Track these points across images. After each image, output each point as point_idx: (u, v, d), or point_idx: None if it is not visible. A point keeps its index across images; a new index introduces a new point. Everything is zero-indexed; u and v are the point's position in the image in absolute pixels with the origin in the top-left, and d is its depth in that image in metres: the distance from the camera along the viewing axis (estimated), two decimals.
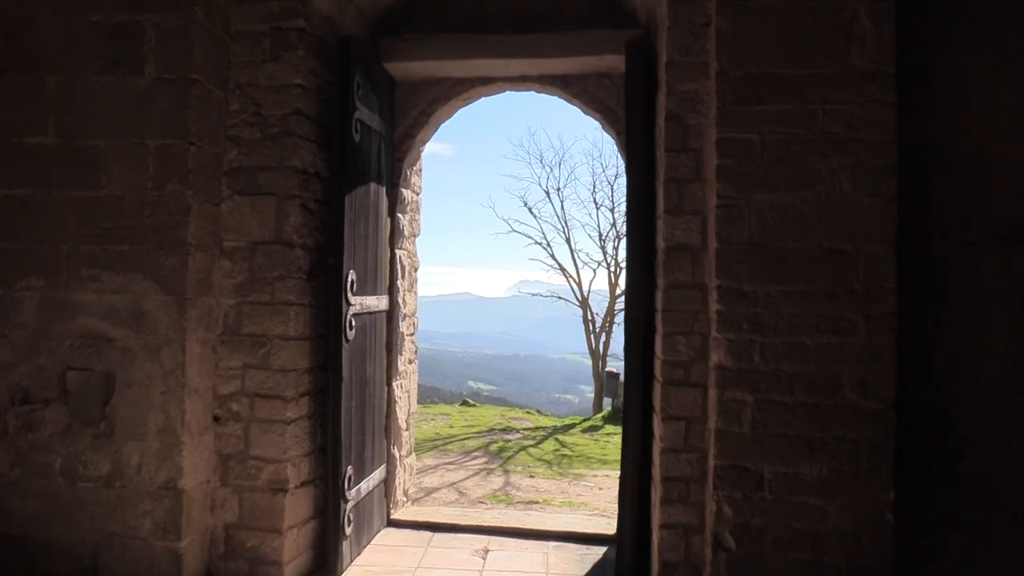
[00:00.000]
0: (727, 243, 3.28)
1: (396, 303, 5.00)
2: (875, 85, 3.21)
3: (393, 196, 4.95)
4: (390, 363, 4.96)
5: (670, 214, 3.57)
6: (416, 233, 5.68)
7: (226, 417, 3.82)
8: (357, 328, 4.22)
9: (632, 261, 3.91)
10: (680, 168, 3.56)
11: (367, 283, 4.40)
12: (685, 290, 3.52)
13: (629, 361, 3.90)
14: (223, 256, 3.85)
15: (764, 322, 3.23)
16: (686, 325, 3.51)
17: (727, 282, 3.28)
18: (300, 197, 3.87)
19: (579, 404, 59.24)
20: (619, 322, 22.49)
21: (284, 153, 3.83)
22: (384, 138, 4.69)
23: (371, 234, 4.48)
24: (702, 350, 3.48)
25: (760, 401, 3.23)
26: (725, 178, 3.29)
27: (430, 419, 11.57)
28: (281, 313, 3.81)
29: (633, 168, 3.94)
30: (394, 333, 4.99)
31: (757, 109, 3.27)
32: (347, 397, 4.09)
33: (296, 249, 3.85)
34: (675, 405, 3.50)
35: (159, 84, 3.59)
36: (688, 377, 3.50)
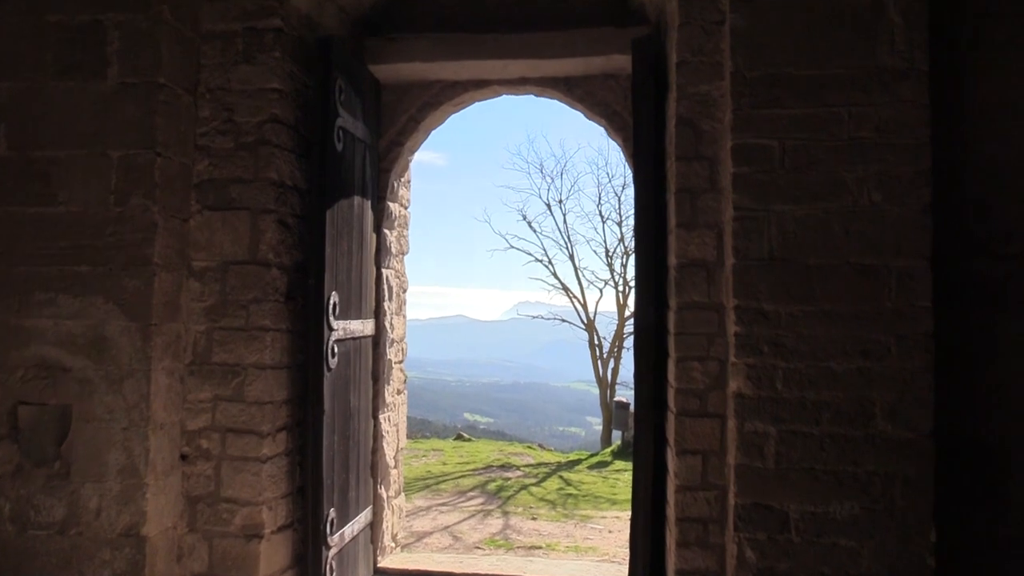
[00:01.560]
0: (745, 259, 3.29)
1: (383, 327, 5.00)
2: (906, 85, 3.24)
3: (379, 210, 4.97)
4: (376, 394, 4.95)
5: (682, 227, 3.58)
6: (404, 250, 5.70)
7: (195, 455, 3.81)
8: (340, 355, 4.21)
9: (641, 279, 3.92)
10: (693, 177, 3.57)
11: (351, 306, 4.41)
12: (700, 311, 3.52)
13: (639, 389, 3.89)
14: (192, 277, 3.85)
15: (787, 345, 3.23)
16: (701, 349, 3.51)
17: (746, 301, 3.28)
18: (277, 212, 3.89)
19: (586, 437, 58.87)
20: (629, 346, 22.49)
21: (259, 164, 3.85)
22: (369, 147, 4.71)
23: (355, 252, 4.49)
24: (719, 377, 3.48)
25: (784, 433, 3.22)
26: (742, 188, 3.30)
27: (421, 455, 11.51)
28: (256, 339, 3.81)
29: (641, 178, 3.96)
30: (381, 360, 4.98)
31: (776, 113, 3.29)
32: (329, 432, 4.07)
33: (272, 269, 3.86)
34: (690, 438, 3.49)
35: (123, 89, 3.61)
36: (704, 407, 3.49)
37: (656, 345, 3.83)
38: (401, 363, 5.59)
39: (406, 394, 5.73)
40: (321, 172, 4.10)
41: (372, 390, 4.89)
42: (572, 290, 25.12)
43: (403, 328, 5.64)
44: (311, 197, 4.15)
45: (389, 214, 5.13)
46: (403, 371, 5.65)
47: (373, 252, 4.91)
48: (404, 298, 5.69)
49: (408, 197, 5.74)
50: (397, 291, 5.45)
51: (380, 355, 4.98)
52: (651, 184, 3.92)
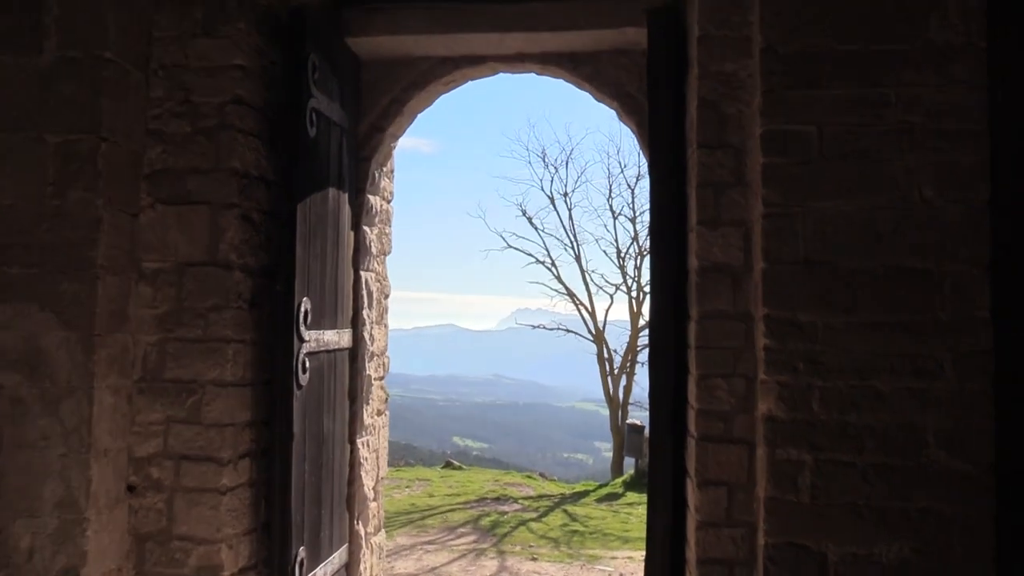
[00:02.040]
0: (777, 262, 3.27)
1: (361, 339, 4.99)
2: (961, 64, 3.22)
3: (358, 204, 4.96)
4: (354, 415, 4.93)
5: (705, 226, 3.56)
6: (386, 251, 5.68)
7: (144, 486, 3.78)
8: (312, 370, 4.19)
9: (658, 285, 3.91)
10: (717, 168, 3.56)
11: (325, 314, 4.38)
12: (725, 321, 3.51)
13: (656, 411, 3.89)
14: (142, 281, 3.83)
15: (825, 361, 3.22)
16: (727, 365, 3.49)
17: (777, 311, 3.27)
18: (240, 206, 3.87)
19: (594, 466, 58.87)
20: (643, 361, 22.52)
21: (220, 151, 3.83)
22: (347, 132, 4.70)
23: (330, 252, 4.47)
24: (747, 397, 3.46)
25: (822, 462, 3.20)
26: (773, 181, 3.29)
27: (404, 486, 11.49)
28: (216, 352, 3.79)
29: (658, 169, 3.95)
30: (359, 376, 4.97)
31: (813, 94, 3.28)
32: (299, 459, 4.05)
33: (235, 271, 3.84)
34: (714, 467, 3.48)
35: (62, 64, 3.58)
36: (730, 431, 3.48)
37: (674, 360, 3.83)
38: (382, 379, 5.57)
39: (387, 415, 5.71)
40: (291, 161, 4.09)
41: (349, 411, 4.87)
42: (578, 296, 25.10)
43: (384, 339, 5.62)
44: (280, 190, 4.13)
45: (369, 209, 5.12)
46: (384, 389, 5.63)
47: (351, 253, 4.89)
48: (386, 305, 5.67)
49: (391, 190, 5.73)
50: (378, 297, 5.43)
51: (358, 370, 4.96)
52: (669, 176, 3.91)
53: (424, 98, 5.04)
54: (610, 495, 12.09)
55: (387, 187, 5.61)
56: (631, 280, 24.34)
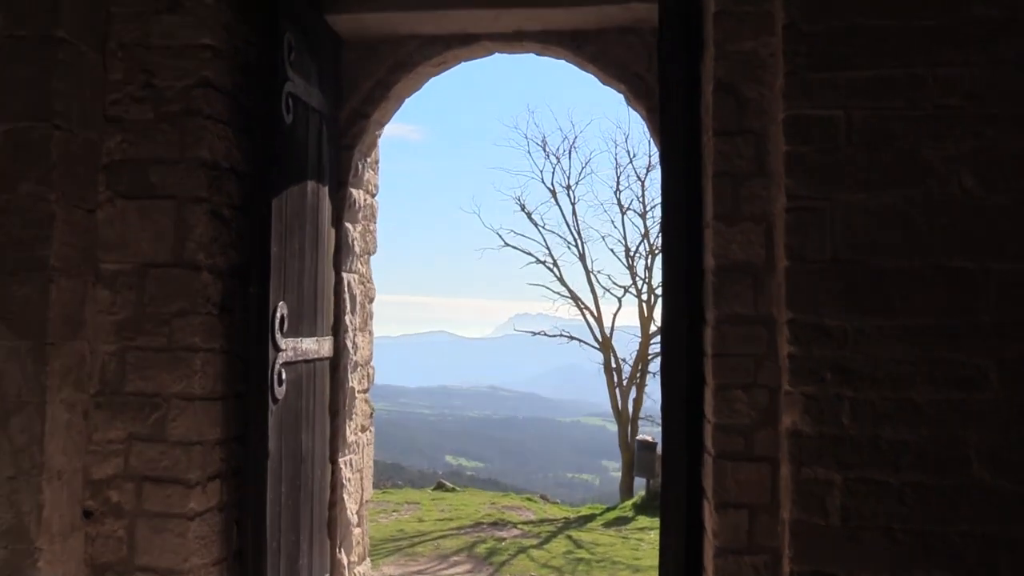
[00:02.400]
0: (802, 260, 3.27)
1: (343, 347, 4.98)
2: (1007, 40, 3.22)
3: (339, 198, 4.96)
4: (335, 432, 4.92)
5: (722, 221, 3.56)
6: (371, 250, 5.67)
7: (102, 511, 3.76)
8: (289, 383, 4.19)
9: (671, 286, 3.91)
10: (735, 158, 3.56)
11: (303, 320, 4.38)
12: (745, 326, 3.51)
13: (669, 426, 3.88)
14: (100, 284, 3.82)
15: (855, 370, 3.22)
16: (747, 375, 3.49)
17: (802, 314, 3.27)
18: (209, 201, 3.86)
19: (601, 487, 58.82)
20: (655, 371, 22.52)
21: (187, 140, 3.83)
22: (326, 119, 4.70)
23: (308, 252, 4.46)
24: (769, 410, 3.46)
25: (852, 481, 3.19)
26: (798, 171, 3.29)
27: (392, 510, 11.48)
28: (182, 363, 3.78)
29: (671, 158, 3.94)
30: (341, 389, 4.96)
31: (841, 76, 3.28)
32: (275, 480, 4.04)
33: (203, 273, 3.83)
34: (733, 487, 3.47)
35: (10, 44, 3.57)
36: (751, 448, 3.48)
37: (689, 369, 3.82)
38: (366, 392, 5.56)
39: (372, 432, 5.69)
40: (266, 151, 4.08)
41: (330, 427, 4.86)
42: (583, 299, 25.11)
43: (369, 348, 5.61)
44: (253, 183, 4.13)
45: (352, 203, 5.11)
46: (369, 402, 5.62)
47: (331, 252, 4.88)
48: (371, 310, 5.66)
49: (376, 182, 5.72)
50: (362, 301, 5.42)
51: (340, 382, 4.95)
52: (683, 166, 3.91)
53: (412, 81, 5.04)
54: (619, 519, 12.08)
55: (371, 179, 5.61)
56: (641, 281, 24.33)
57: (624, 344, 24.43)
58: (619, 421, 23.37)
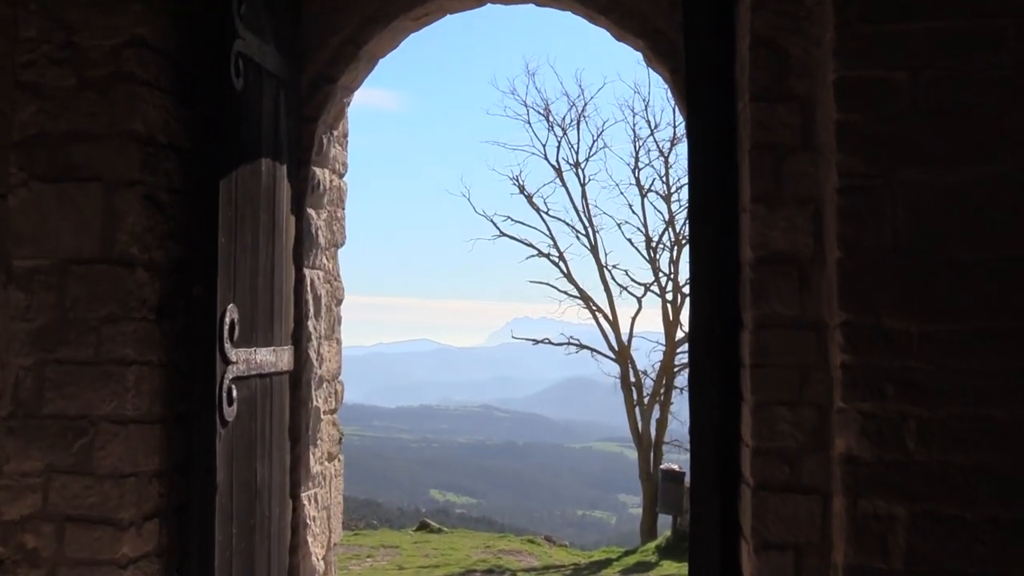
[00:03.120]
0: (858, 252, 3.28)
1: (306, 359, 4.99)
2: None
3: (301, 180, 4.97)
4: (297, 460, 4.93)
5: (762, 204, 3.57)
6: (339, 241, 5.67)
7: (16, 559, 3.75)
8: (241, 401, 4.19)
9: (700, 284, 3.92)
10: (777, 127, 3.57)
11: (257, 326, 4.39)
12: (789, 330, 3.52)
13: (699, 452, 3.89)
14: (12, 284, 3.83)
15: (922, 383, 3.23)
16: (791, 389, 3.50)
17: (859, 316, 3.27)
18: (144, 183, 3.87)
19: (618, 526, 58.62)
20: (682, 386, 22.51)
21: (117, 110, 3.83)
22: (285, 85, 4.71)
23: (264, 244, 4.47)
24: (819, 431, 3.47)
25: (919, 516, 3.20)
26: (852, 143, 3.30)
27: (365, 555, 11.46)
28: (112, 378, 3.78)
29: (699, 129, 3.95)
30: (303, 409, 4.97)
31: (902, 28, 3.29)
32: (224, 519, 4.05)
33: (138, 270, 3.84)
34: (776, 525, 3.48)
35: None
36: (797, 477, 3.48)
37: (723, 384, 3.83)
38: (334, 413, 5.55)
39: (342, 460, 5.69)
40: (212, 123, 4.09)
41: (290, 455, 4.87)
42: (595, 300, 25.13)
43: (337, 360, 5.61)
44: (197, 161, 4.13)
45: (316, 185, 5.11)
46: (337, 425, 5.62)
47: (291, 244, 4.89)
48: (339, 314, 5.66)
49: (344, 160, 5.71)
50: (328, 303, 5.42)
51: (302, 401, 4.96)
52: (714, 138, 3.92)
53: (387, 38, 5.03)
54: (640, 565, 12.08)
55: (339, 157, 5.60)
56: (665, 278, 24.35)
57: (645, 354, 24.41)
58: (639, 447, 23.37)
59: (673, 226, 24.50)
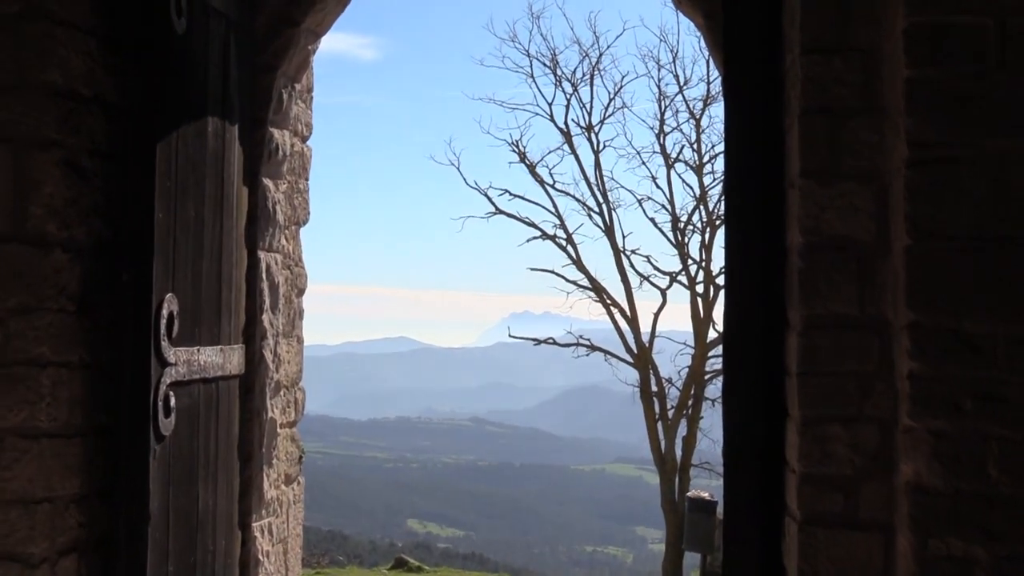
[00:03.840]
0: (931, 238, 3.28)
1: (260, 360, 5.00)
2: None
3: (255, 143, 4.97)
4: (248, 484, 4.93)
5: (814, 179, 3.57)
6: (301, 218, 5.66)
7: None
8: (181, 412, 4.19)
9: (738, 274, 3.92)
10: (834, 86, 3.56)
11: (201, 320, 4.39)
12: (845, 331, 3.52)
13: (735, 477, 3.90)
14: None
15: (1008, 397, 3.22)
16: (848, 403, 3.50)
17: (931, 316, 3.27)
18: (63, 146, 3.87)
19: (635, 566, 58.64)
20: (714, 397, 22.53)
21: (28, 56, 3.82)
22: (236, 27, 4.71)
23: (209, 221, 4.47)
24: (881, 454, 3.46)
25: (1004, 560, 3.19)
26: (926, 106, 3.29)
27: None
28: (21, 383, 3.78)
29: (739, 87, 3.95)
30: (256, 421, 4.98)
31: None
32: (159, 555, 4.04)
33: (55, 251, 3.84)
34: (827, 567, 3.47)
35: None
36: (853, 509, 3.48)
37: (765, 395, 3.84)
38: (294, 426, 5.55)
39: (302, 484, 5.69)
40: (148, 73, 4.07)
41: (240, 477, 4.88)
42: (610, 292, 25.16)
43: (298, 362, 5.60)
44: (129, 120, 4.12)
45: (273, 151, 5.10)
46: (298, 441, 5.61)
47: (243, 221, 4.89)
48: (300, 306, 5.66)
49: (308, 120, 5.70)
50: (287, 293, 5.41)
51: (255, 411, 4.97)
52: (756, 97, 3.92)
53: None
54: None
55: (302, 116, 5.59)
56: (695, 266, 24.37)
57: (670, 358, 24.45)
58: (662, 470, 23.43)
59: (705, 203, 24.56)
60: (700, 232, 24.77)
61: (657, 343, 24.48)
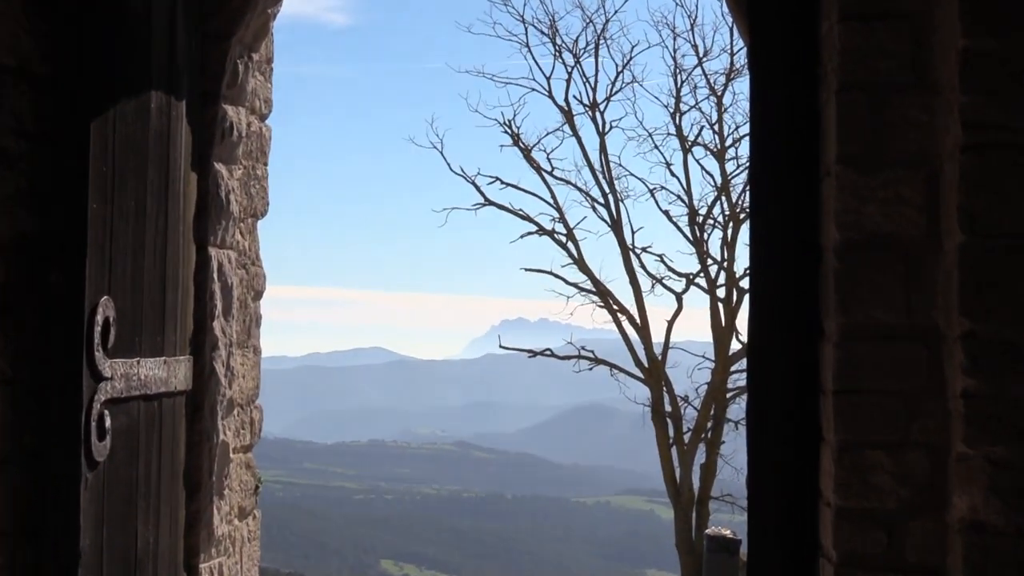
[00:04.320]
0: (988, 233, 3.29)
1: (211, 375, 5.01)
2: None
3: (206, 122, 4.98)
4: (195, 518, 4.94)
5: (854, 165, 3.57)
6: (259, 210, 5.66)
7: None
8: (118, 434, 4.19)
9: (764, 275, 3.95)
10: (877, 58, 3.56)
11: (142, 328, 4.39)
12: (889, 343, 3.53)
13: (760, 512, 3.91)
14: None
15: None
16: (892, 426, 3.50)
17: (988, 325, 3.28)
18: None
19: None
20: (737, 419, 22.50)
21: None
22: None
23: (152, 213, 4.48)
24: (932, 485, 3.47)
25: None
26: (983, 81, 3.29)
27: None
28: None
29: (768, 58, 3.97)
30: (205, 445, 4.98)
31: None
32: None
33: None
34: None
35: None
36: (898, 550, 3.48)
37: (796, 416, 3.84)
38: (249, 451, 5.54)
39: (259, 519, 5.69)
40: (81, 40, 4.08)
41: (186, 510, 4.88)
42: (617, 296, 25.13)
43: (255, 377, 5.59)
44: (59, 95, 4.13)
45: (227, 130, 5.10)
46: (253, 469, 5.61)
47: (192, 213, 4.90)
48: (258, 312, 5.65)
49: (268, 96, 5.69)
50: (243, 297, 5.41)
51: (204, 433, 4.98)
52: (788, 71, 3.92)
53: None
54: None
55: (260, 91, 5.58)
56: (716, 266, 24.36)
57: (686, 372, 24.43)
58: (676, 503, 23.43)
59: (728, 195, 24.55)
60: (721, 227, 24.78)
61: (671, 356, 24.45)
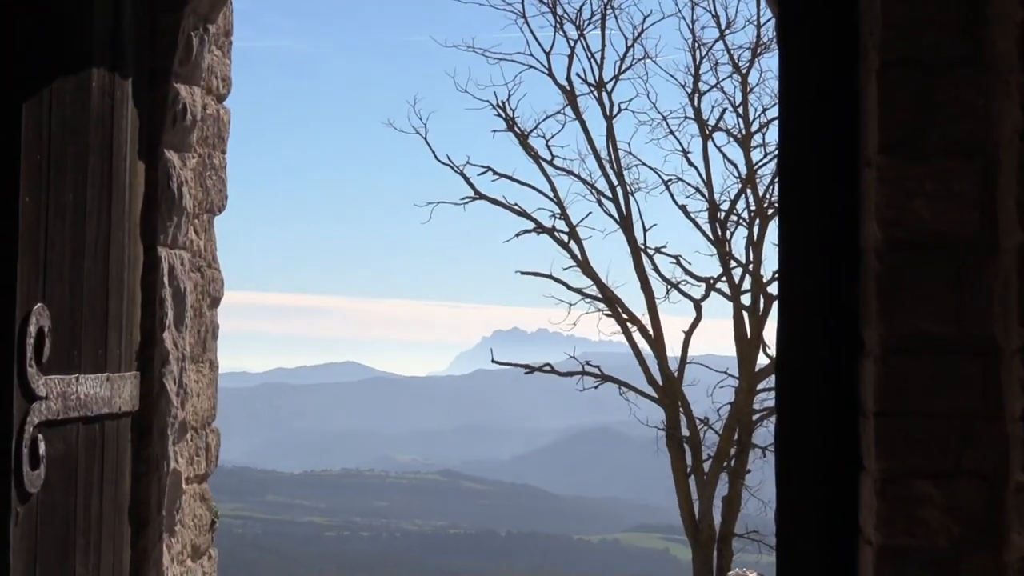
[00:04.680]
0: None
1: (160, 393, 5.01)
2: None
3: (155, 104, 4.99)
4: (142, 557, 4.94)
5: (898, 154, 3.58)
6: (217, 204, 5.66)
7: None
8: (54, 461, 4.19)
9: (796, 280, 3.95)
10: (924, 31, 3.56)
11: (82, 340, 4.40)
12: (938, 356, 3.54)
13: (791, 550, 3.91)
14: None
15: None
16: (941, 452, 3.51)
17: None
18: None
19: None
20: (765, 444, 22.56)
21: None
22: None
23: (94, 208, 4.48)
24: (988, 520, 3.47)
25: None
26: None
27: None
28: None
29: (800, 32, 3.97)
30: (153, 474, 4.99)
31: None
32: None
33: None
34: None
35: None
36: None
37: (832, 442, 3.84)
38: (204, 481, 5.54)
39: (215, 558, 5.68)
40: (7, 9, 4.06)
41: (132, 549, 4.88)
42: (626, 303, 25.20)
43: (211, 395, 5.60)
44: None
45: (180, 113, 5.10)
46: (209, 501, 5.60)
47: (139, 208, 4.91)
48: (214, 322, 5.66)
49: (227, 74, 5.70)
50: (197, 304, 5.41)
51: (152, 460, 4.98)
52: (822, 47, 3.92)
53: None
54: None
55: (218, 68, 5.59)
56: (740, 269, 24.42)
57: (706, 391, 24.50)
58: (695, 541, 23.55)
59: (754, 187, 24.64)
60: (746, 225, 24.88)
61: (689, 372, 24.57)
